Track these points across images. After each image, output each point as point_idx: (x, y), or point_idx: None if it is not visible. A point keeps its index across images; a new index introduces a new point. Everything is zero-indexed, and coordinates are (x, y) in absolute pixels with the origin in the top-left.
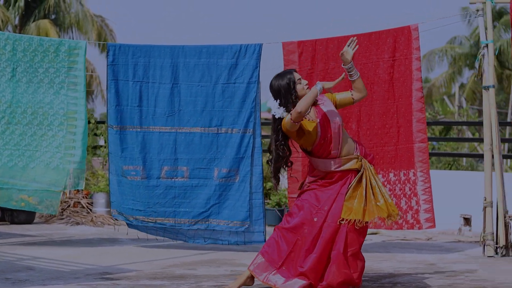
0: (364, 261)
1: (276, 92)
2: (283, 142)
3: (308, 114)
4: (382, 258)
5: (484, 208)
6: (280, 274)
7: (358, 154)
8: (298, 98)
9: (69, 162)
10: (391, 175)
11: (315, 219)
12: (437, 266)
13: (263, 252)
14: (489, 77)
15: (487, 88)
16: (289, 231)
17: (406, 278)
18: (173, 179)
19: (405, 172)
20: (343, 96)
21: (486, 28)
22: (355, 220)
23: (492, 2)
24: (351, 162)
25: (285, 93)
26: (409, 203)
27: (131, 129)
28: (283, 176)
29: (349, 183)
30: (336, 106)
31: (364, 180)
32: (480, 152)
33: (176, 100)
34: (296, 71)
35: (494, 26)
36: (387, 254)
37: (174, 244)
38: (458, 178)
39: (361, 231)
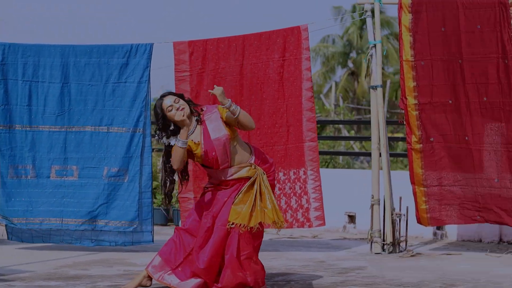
0: (261, 265)
1: (155, 117)
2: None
3: (192, 134)
4: (272, 256)
5: (372, 205)
6: (175, 275)
7: (252, 162)
8: (176, 123)
9: None
10: (281, 174)
11: (205, 221)
12: (327, 264)
13: (161, 252)
14: (377, 77)
15: (375, 87)
16: (187, 232)
17: (298, 275)
18: (62, 178)
19: (295, 171)
20: (229, 117)
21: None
22: (240, 225)
23: (381, 3)
24: (243, 170)
25: (157, 120)
26: (299, 201)
27: (20, 128)
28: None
29: (241, 189)
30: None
31: (255, 186)
32: (356, 150)
33: (66, 99)
34: (173, 94)
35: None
36: (276, 252)
37: (62, 245)
38: (341, 176)
39: (254, 235)
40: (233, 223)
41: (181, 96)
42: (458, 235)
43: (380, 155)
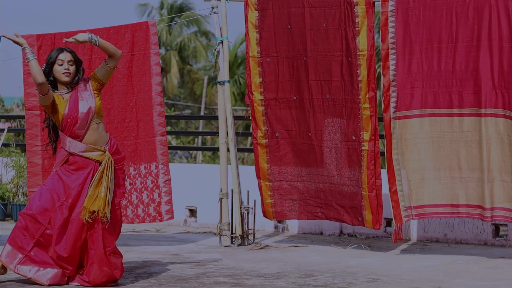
0: (122, 256)
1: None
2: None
3: (63, 93)
4: (124, 250)
5: (220, 199)
6: (29, 261)
7: (106, 149)
8: (56, 77)
9: None
10: (131, 169)
11: (63, 213)
12: (181, 256)
13: (9, 240)
14: (224, 73)
15: (222, 83)
16: (32, 217)
17: (158, 268)
18: None
19: (146, 165)
20: (101, 70)
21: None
22: (99, 215)
23: (227, 0)
24: (95, 152)
25: (46, 62)
26: (151, 196)
27: None
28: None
29: (93, 176)
30: (102, 84)
31: (101, 171)
32: (174, 144)
33: None
34: (74, 55)
35: (175, 22)
36: (127, 246)
37: None
38: (180, 170)
39: (114, 229)
40: (92, 214)
41: (78, 62)
42: (299, 228)
43: (228, 150)
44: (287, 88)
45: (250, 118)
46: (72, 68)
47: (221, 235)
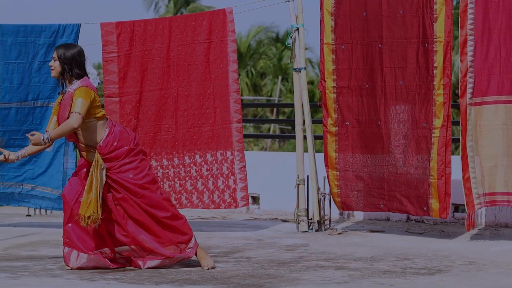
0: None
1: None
2: None
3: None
4: (201, 235)
5: (297, 185)
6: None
7: (96, 148)
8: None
9: None
10: (208, 155)
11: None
12: (267, 242)
13: None
14: (301, 60)
15: (298, 70)
16: None
17: (252, 252)
18: None
19: (222, 152)
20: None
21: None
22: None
23: None
24: (89, 153)
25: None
26: (226, 182)
27: None
28: None
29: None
30: None
31: (90, 174)
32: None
33: None
34: (63, 49)
35: (181, 13)
36: (203, 232)
37: None
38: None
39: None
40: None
41: (69, 59)
42: (365, 214)
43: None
44: (360, 75)
45: (321, 104)
46: (55, 64)
47: (298, 221)
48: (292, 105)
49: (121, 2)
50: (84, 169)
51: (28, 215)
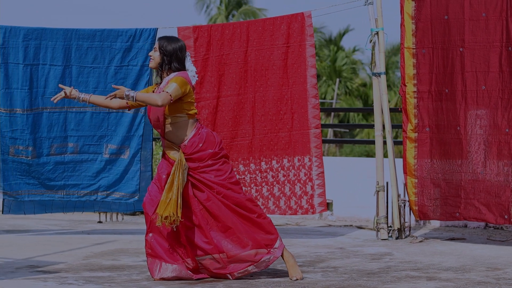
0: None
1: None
2: None
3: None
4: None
5: (377, 192)
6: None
7: (180, 147)
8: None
9: None
10: (285, 161)
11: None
12: (349, 250)
13: None
14: (380, 64)
15: (378, 74)
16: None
17: (337, 262)
18: (62, 155)
19: (300, 157)
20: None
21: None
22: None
23: None
24: (171, 150)
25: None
26: (304, 188)
27: (21, 112)
28: None
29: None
30: None
31: (172, 174)
32: None
33: (67, 80)
34: (160, 40)
35: (233, 15)
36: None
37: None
38: None
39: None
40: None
41: (170, 52)
42: (441, 221)
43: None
44: (440, 80)
45: (401, 110)
46: (155, 55)
47: (378, 228)
48: (371, 110)
49: (173, 4)
50: (164, 176)
51: (99, 222)
